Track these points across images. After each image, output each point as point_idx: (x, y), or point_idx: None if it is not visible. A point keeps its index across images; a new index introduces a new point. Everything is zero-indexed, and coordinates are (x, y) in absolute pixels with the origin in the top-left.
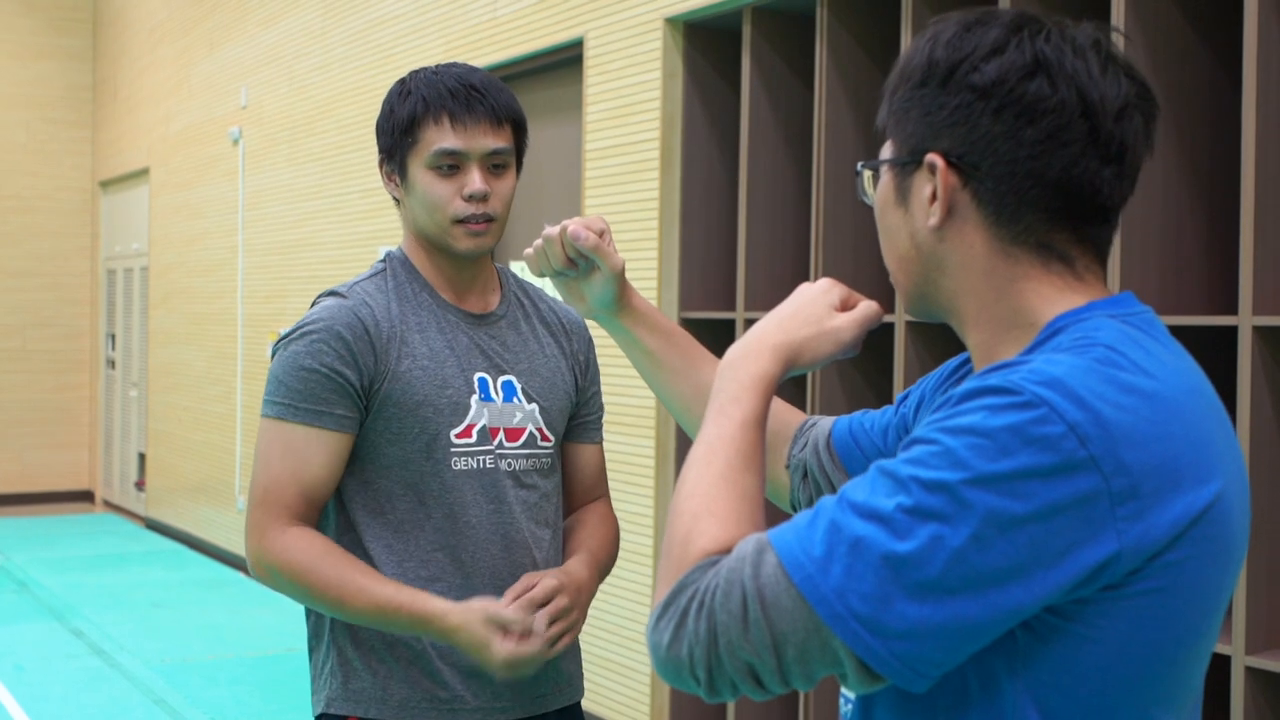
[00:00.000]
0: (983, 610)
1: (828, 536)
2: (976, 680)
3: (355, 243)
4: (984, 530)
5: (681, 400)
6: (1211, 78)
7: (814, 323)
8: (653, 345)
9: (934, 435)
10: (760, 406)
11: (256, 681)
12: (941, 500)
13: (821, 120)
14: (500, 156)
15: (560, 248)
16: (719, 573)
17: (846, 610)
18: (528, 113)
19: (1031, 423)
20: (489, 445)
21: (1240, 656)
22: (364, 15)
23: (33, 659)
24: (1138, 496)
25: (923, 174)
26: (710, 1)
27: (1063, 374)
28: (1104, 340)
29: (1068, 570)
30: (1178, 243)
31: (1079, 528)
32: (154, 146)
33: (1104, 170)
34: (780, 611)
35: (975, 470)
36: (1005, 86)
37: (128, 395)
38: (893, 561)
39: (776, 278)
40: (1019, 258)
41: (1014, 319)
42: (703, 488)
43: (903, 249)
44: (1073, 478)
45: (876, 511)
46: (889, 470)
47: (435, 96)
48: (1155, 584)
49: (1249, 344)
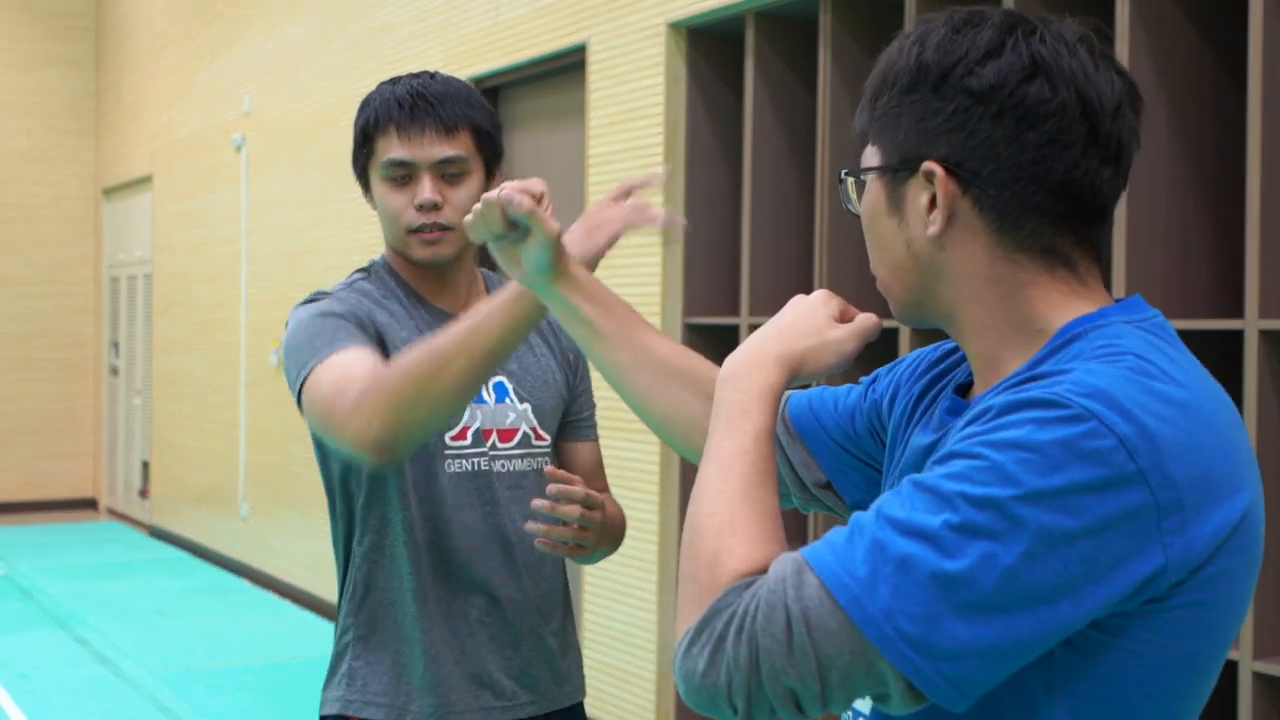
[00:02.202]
0: (1033, 628)
1: (871, 555)
2: (1010, 699)
3: (359, 249)
4: (1036, 547)
5: (619, 369)
6: (1216, 80)
7: (815, 333)
8: (590, 314)
9: (978, 450)
10: (770, 419)
11: (261, 689)
12: (991, 517)
13: (825, 124)
14: (454, 165)
15: (498, 212)
16: (757, 595)
17: (895, 632)
18: (530, 119)
19: (1082, 436)
20: (482, 447)
21: (1248, 661)
22: (366, 22)
23: (37, 667)
24: (1182, 509)
25: (918, 181)
26: (713, 6)
27: (1107, 386)
28: (1132, 349)
29: (1116, 585)
30: (1183, 246)
31: (1127, 542)
32: (157, 154)
33: (1104, 170)
34: (826, 634)
35: (1026, 486)
36: (1005, 90)
37: (131, 403)
38: (942, 581)
39: (780, 283)
40: (1023, 264)
41: (1020, 326)
42: (723, 505)
43: (897, 258)
44: (1122, 492)
45: (922, 529)
46: (929, 486)
47: (384, 107)
48: (1196, 596)
49: (1254, 348)
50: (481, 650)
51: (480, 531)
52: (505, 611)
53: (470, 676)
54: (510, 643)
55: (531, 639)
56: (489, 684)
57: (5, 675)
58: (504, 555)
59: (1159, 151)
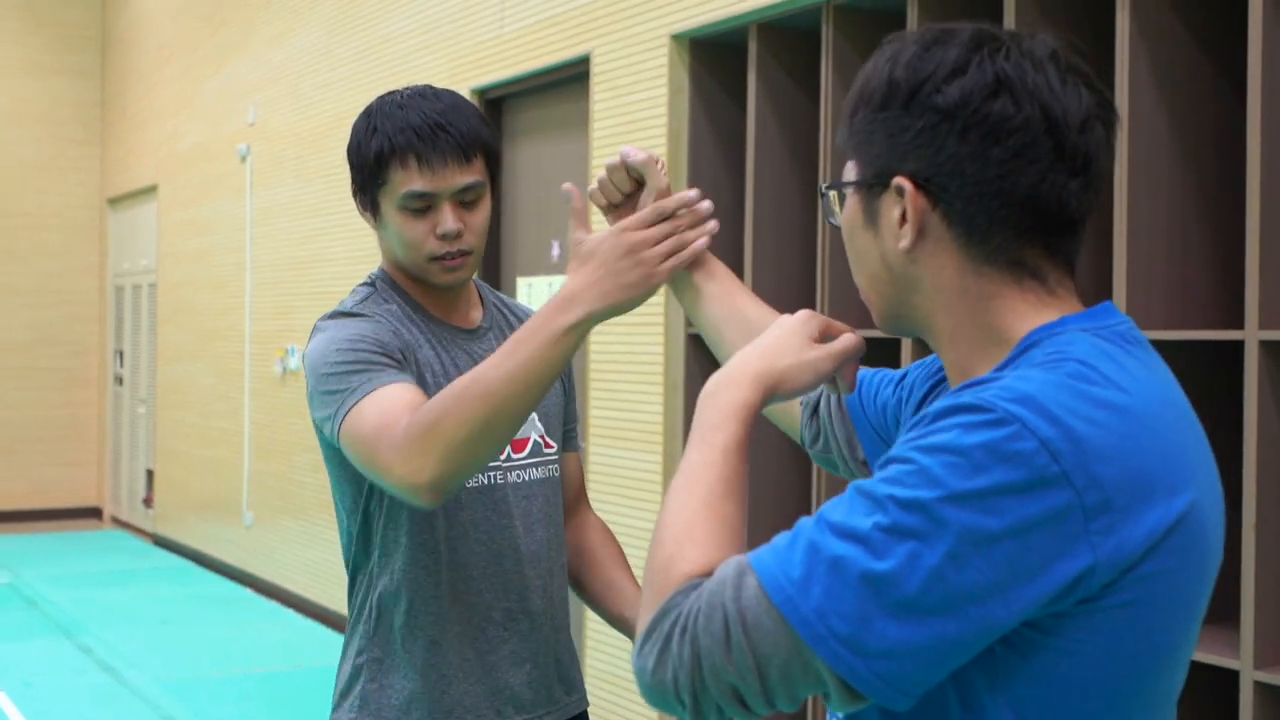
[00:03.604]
0: (962, 627)
1: (807, 557)
2: (956, 696)
3: (363, 258)
4: (960, 548)
5: (714, 323)
6: (1216, 91)
7: (793, 353)
8: (693, 272)
9: (909, 454)
10: (741, 433)
11: (264, 698)
12: (917, 519)
13: (827, 135)
14: (472, 192)
15: (623, 172)
16: (700, 596)
17: (827, 630)
18: (534, 130)
19: (1004, 440)
20: (497, 460)
21: (1249, 671)
22: (370, 33)
23: (41, 675)
24: (1110, 510)
25: (890, 196)
26: (716, 18)
27: (1034, 390)
28: (1076, 355)
29: (1044, 585)
30: (1183, 258)
31: (1053, 542)
32: (162, 163)
33: (1070, 183)
34: (762, 633)
35: (950, 488)
36: (969, 107)
37: (136, 412)
38: (871, 580)
39: (783, 293)
40: (991, 276)
41: (989, 336)
42: (684, 515)
43: (874, 270)
44: (1046, 493)
45: (854, 531)
46: (866, 490)
47: (400, 135)
48: (1131, 596)
49: (1255, 358)
50: (502, 665)
51: (497, 545)
52: (522, 624)
53: (492, 692)
54: (529, 655)
55: (547, 650)
56: (510, 698)
57: (9, 683)
58: (519, 568)
59: (1159, 162)
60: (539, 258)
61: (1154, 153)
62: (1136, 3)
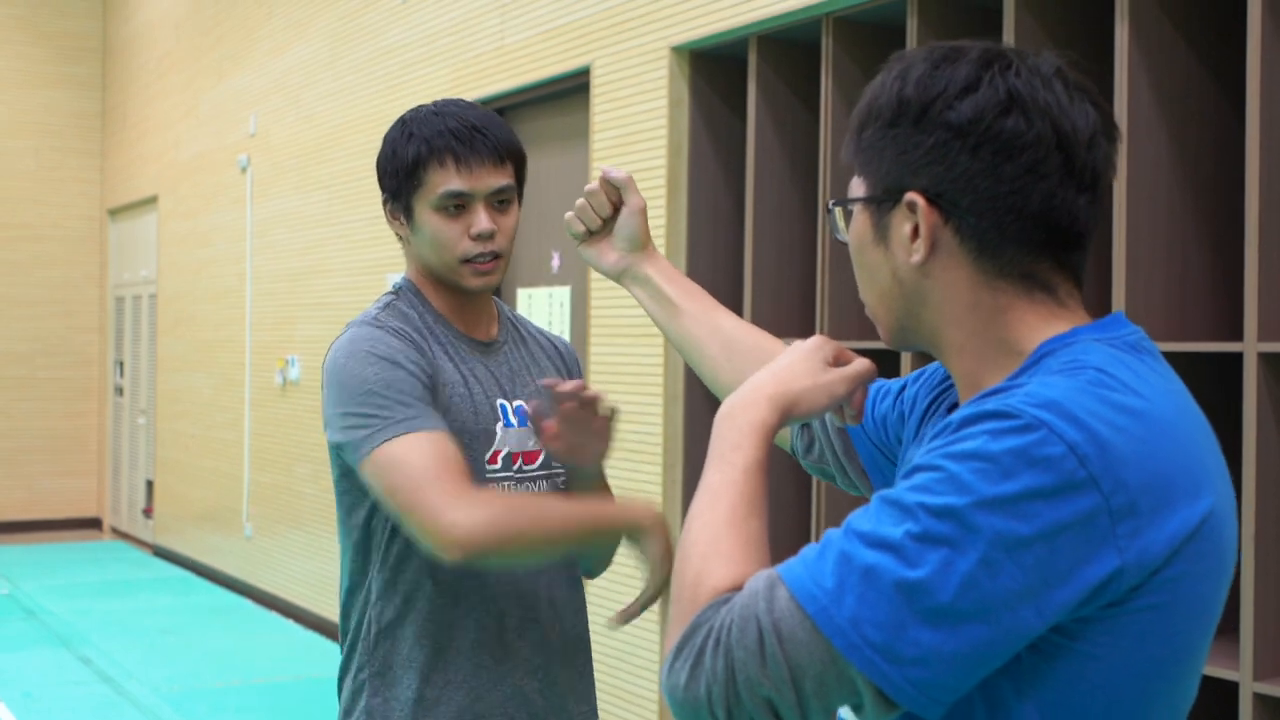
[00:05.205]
0: (995, 633)
1: (838, 567)
2: (983, 703)
3: (363, 270)
4: (992, 553)
5: (695, 343)
6: (1215, 104)
7: (808, 376)
8: (672, 292)
9: (938, 462)
10: (761, 453)
11: (264, 708)
12: (949, 526)
13: (827, 148)
14: (504, 194)
15: (603, 195)
16: (732, 609)
17: (862, 639)
18: (535, 141)
19: (1032, 445)
20: (510, 470)
21: (1249, 683)
22: (372, 44)
23: (41, 686)
24: (1136, 513)
25: (901, 212)
26: (716, 30)
27: (1058, 396)
28: (1093, 363)
29: (1073, 589)
30: (1183, 270)
31: (1082, 546)
32: (162, 174)
33: (1079, 199)
34: (796, 645)
35: (980, 494)
36: (982, 124)
37: (136, 423)
38: (905, 588)
39: (783, 304)
40: (1003, 289)
41: (1000, 348)
42: (709, 532)
43: (884, 285)
44: (1074, 497)
45: (885, 540)
46: (894, 499)
47: (438, 138)
48: (1155, 599)
49: (1254, 370)
50: (517, 672)
51: None
52: (533, 633)
53: (506, 698)
54: (542, 664)
55: (558, 659)
56: (523, 704)
57: (9, 694)
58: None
59: (1158, 175)
60: (539, 269)
61: (1153, 166)
62: (1135, 17)
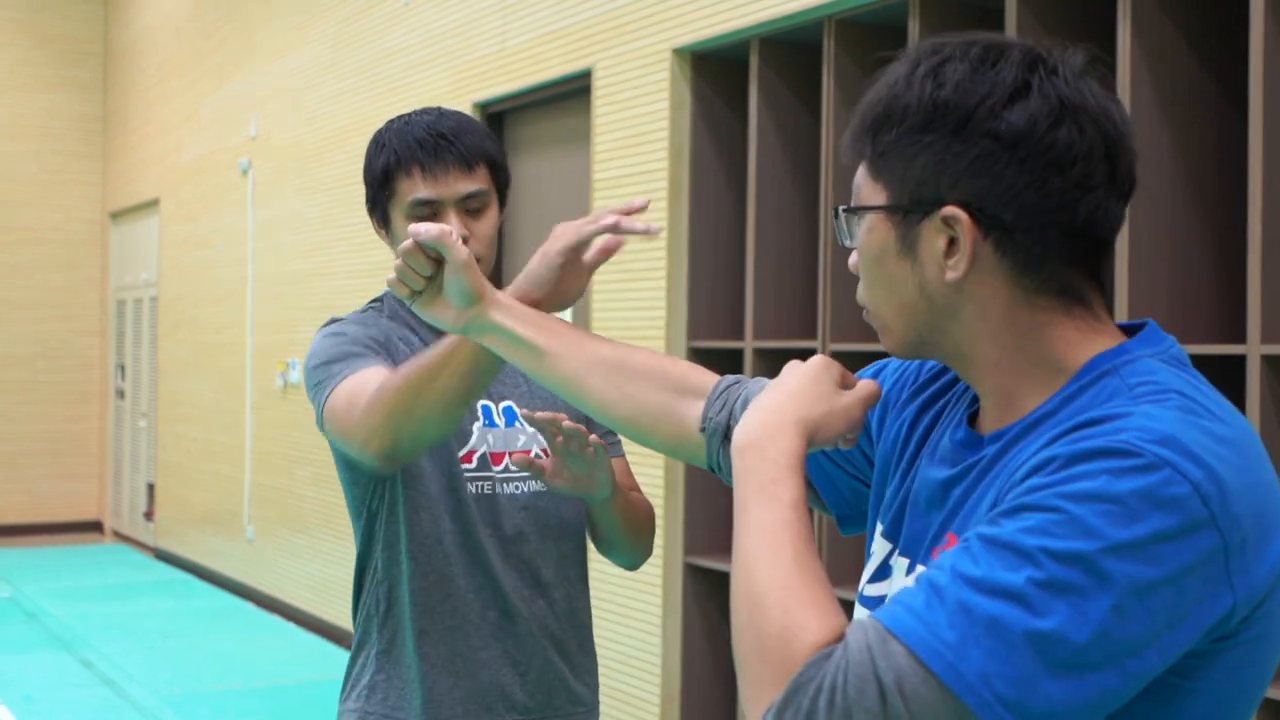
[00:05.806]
0: (1122, 680)
1: (956, 618)
2: None
3: (365, 272)
4: (1124, 600)
5: (573, 380)
6: (1217, 106)
7: (825, 400)
8: (528, 334)
9: (1054, 502)
10: (801, 486)
11: (265, 712)
12: (1077, 572)
13: (828, 150)
14: (476, 199)
15: (418, 252)
16: (844, 667)
17: (993, 696)
18: (536, 143)
19: (1159, 485)
20: (489, 471)
21: None
22: (373, 47)
23: (42, 689)
24: (1245, 548)
25: (934, 224)
26: (718, 33)
27: (1173, 430)
28: (1172, 386)
29: (1192, 630)
30: (1185, 272)
31: (1202, 586)
32: (164, 177)
33: (1118, 207)
34: (922, 703)
35: (1109, 538)
36: (1034, 136)
37: (137, 426)
38: (1035, 640)
39: (784, 307)
40: (1042, 305)
41: (1039, 364)
42: (781, 578)
43: (908, 298)
44: (1197, 537)
45: (1006, 587)
46: (1004, 541)
47: (404, 148)
48: (1257, 630)
49: (1257, 373)
50: (492, 664)
51: (481, 550)
52: (507, 628)
53: (480, 689)
54: (523, 659)
55: (541, 656)
56: (501, 697)
57: (9, 697)
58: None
59: (1161, 177)
60: None
61: (1155, 167)
62: (1138, 17)
